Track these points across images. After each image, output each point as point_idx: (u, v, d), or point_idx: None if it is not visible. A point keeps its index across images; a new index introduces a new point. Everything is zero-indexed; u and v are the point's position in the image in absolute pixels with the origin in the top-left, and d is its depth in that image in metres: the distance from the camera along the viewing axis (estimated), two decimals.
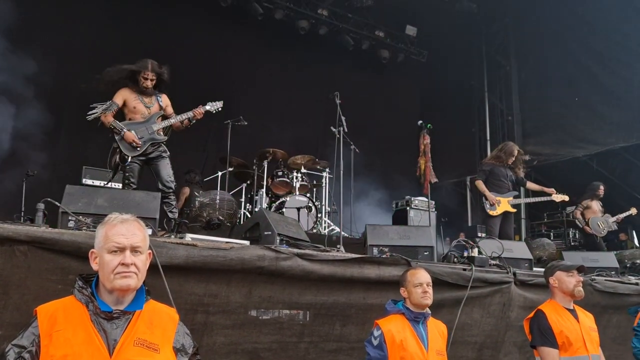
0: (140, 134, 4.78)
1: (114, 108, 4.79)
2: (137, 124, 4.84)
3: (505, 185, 6.45)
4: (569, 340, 3.05)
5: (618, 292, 4.88)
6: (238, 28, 10.31)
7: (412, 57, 12.45)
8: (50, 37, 8.02)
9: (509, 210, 6.37)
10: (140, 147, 4.75)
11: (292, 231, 4.03)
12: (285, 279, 3.40)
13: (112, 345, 1.61)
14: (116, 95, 4.87)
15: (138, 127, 4.81)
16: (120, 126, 4.73)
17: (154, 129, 4.87)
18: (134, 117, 4.88)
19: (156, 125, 4.90)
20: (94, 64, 5.87)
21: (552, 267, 3.37)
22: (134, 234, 1.70)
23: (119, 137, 4.73)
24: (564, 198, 6.55)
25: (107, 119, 4.74)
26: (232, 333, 3.28)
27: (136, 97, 4.89)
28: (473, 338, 4.23)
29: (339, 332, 3.69)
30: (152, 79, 4.92)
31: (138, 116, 4.88)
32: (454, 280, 4.04)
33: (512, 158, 6.53)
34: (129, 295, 1.70)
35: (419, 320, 2.85)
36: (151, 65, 4.91)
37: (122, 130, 4.71)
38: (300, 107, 10.60)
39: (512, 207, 6.40)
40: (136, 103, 4.88)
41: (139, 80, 4.89)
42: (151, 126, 4.87)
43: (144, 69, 4.87)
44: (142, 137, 4.78)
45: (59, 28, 8.21)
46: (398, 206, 7.62)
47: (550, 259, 5.36)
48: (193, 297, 3.09)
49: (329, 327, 3.67)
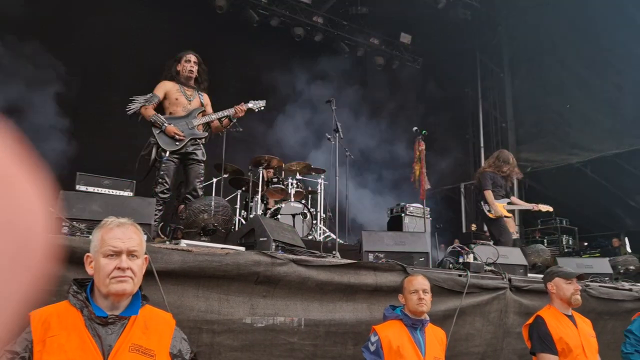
0: (180, 129, 4.59)
1: (155, 100, 4.61)
2: (177, 119, 4.65)
3: (501, 193, 6.50)
4: (568, 346, 3.03)
5: (612, 298, 4.89)
6: (233, 35, 10.33)
7: (407, 64, 12.53)
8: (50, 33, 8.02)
9: (506, 215, 6.41)
10: (182, 140, 4.57)
11: (287, 237, 4.01)
12: (286, 290, 3.35)
13: (107, 351, 1.58)
14: (157, 88, 4.71)
15: (178, 122, 4.63)
16: (161, 119, 4.53)
17: (194, 124, 4.68)
18: (175, 109, 4.70)
19: (196, 121, 4.71)
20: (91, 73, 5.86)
21: (551, 273, 3.35)
22: (130, 237, 1.68)
23: (158, 132, 4.53)
24: (548, 209, 6.58)
25: (148, 112, 4.55)
26: (242, 356, 3.18)
27: (178, 89, 4.74)
28: (476, 348, 4.20)
29: (352, 352, 3.60)
30: (195, 62, 4.81)
31: (179, 109, 4.70)
32: (449, 286, 4.04)
33: (507, 166, 6.57)
34: (125, 300, 1.68)
35: (416, 326, 2.84)
36: (192, 52, 4.85)
37: (163, 123, 4.52)
38: (296, 113, 10.61)
39: (508, 212, 6.44)
40: (178, 95, 4.71)
41: (182, 69, 4.77)
42: (191, 121, 4.68)
43: (186, 53, 4.79)
44: (183, 132, 4.60)
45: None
46: (393, 212, 7.61)
47: (545, 265, 5.37)
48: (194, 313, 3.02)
49: (342, 347, 3.59)
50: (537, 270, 5.29)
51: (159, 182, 4.52)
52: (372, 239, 4.50)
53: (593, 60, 10.45)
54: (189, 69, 4.79)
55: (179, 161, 4.66)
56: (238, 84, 10.07)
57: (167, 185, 4.53)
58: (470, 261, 4.52)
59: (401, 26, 12.01)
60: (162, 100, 4.72)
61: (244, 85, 10.16)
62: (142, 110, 4.58)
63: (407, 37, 12.06)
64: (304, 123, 10.45)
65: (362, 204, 10.19)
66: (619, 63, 10.00)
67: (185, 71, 4.79)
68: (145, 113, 4.58)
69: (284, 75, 10.93)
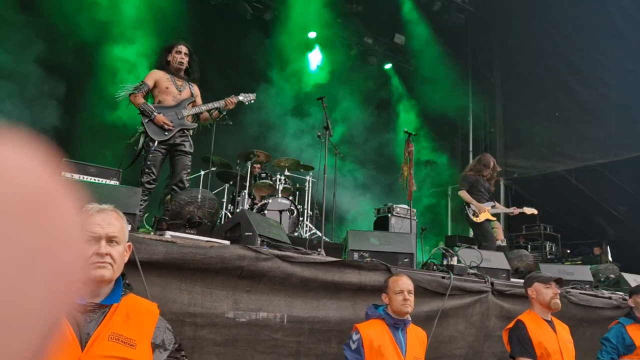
0: (169, 118, 4.54)
1: (144, 89, 4.57)
2: (167, 109, 4.60)
3: (485, 196, 6.56)
4: (547, 351, 3.07)
5: (592, 305, 4.96)
6: (226, 27, 10.26)
7: (399, 65, 12.56)
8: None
9: (489, 218, 6.47)
10: (171, 130, 4.53)
11: (273, 233, 4.00)
12: (270, 286, 3.34)
13: (85, 339, 1.54)
14: (147, 76, 4.67)
15: (167, 112, 4.58)
16: (150, 108, 4.49)
17: (183, 114, 4.63)
18: (165, 98, 4.65)
19: (186, 111, 4.66)
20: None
21: (531, 278, 3.40)
22: (110, 223, 1.64)
23: (147, 120, 4.48)
24: (532, 211, 6.67)
25: (137, 100, 4.50)
26: (225, 351, 3.16)
27: (168, 78, 4.69)
28: (459, 351, 4.23)
29: (336, 351, 3.58)
30: (185, 52, 4.76)
31: (169, 98, 4.65)
32: (432, 287, 4.06)
33: (487, 170, 6.63)
34: (106, 288, 1.64)
35: (398, 326, 2.85)
36: (183, 41, 4.81)
37: (152, 112, 4.47)
38: (287, 111, 10.59)
39: (492, 215, 6.51)
40: (168, 84, 4.67)
41: (172, 59, 4.73)
42: (181, 111, 4.63)
43: (177, 44, 4.74)
44: (172, 122, 4.55)
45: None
46: (380, 212, 7.62)
47: (527, 270, 5.42)
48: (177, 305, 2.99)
49: (326, 345, 3.58)
50: (519, 275, 5.34)
51: (146, 172, 4.47)
52: (357, 238, 4.51)
53: (581, 71, 10.57)
54: (179, 60, 4.75)
55: (166, 152, 4.61)
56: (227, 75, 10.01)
57: (153, 176, 4.48)
58: (454, 264, 4.55)
59: (395, 27, 12.03)
60: (152, 89, 4.67)
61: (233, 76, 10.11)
62: (130, 97, 4.53)
63: (400, 37, 12.08)
64: (295, 119, 10.43)
65: (349, 203, 10.20)
66: (606, 74, 10.13)
67: (176, 62, 4.75)
68: (134, 101, 4.53)
69: (272, 69, 10.88)
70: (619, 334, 3.77)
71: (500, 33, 12.40)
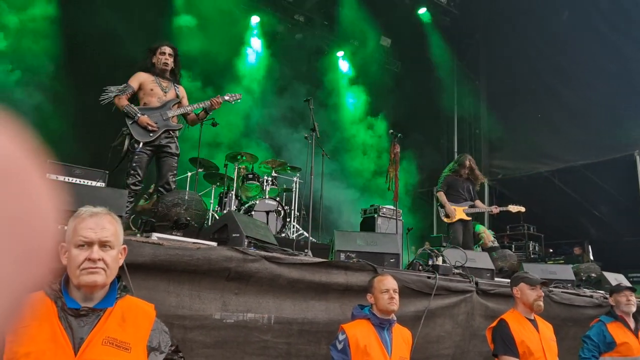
0: (154, 120, 4.52)
1: (128, 91, 4.54)
2: (152, 110, 4.58)
3: (462, 197, 6.66)
4: (529, 350, 3.11)
5: (574, 304, 5.05)
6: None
7: (385, 67, 12.64)
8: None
9: (463, 217, 6.57)
10: (155, 131, 4.50)
11: (260, 234, 4.01)
12: (258, 287, 3.34)
13: (78, 344, 1.53)
14: (132, 78, 4.64)
15: (152, 113, 4.56)
16: (134, 110, 4.47)
17: (168, 115, 4.61)
18: (150, 100, 4.62)
19: (171, 112, 4.64)
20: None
21: (518, 278, 3.45)
22: (103, 227, 1.62)
23: (131, 122, 4.45)
24: (519, 209, 6.75)
25: (121, 102, 4.48)
26: (214, 353, 3.14)
27: (153, 80, 4.67)
28: (446, 350, 4.27)
29: (326, 352, 3.56)
30: (170, 53, 4.75)
31: (154, 99, 4.62)
32: (418, 287, 4.11)
33: (464, 169, 6.72)
34: (99, 292, 1.63)
35: (384, 326, 2.88)
36: (167, 43, 4.80)
37: (136, 114, 4.45)
38: (273, 111, 10.59)
39: (467, 215, 6.59)
40: (153, 85, 4.64)
41: (157, 61, 4.71)
42: (166, 112, 4.61)
43: (161, 45, 4.73)
44: (156, 123, 4.52)
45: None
46: (366, 213, 7.67)
47: (511, 270, 5.50)
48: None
49: (316, 346, 3.59)
50: (503, 275, 5.42)
51: (131, 173, 4.45)
52: (344, 238, 4.54)
53: (564, 72, 10.73)
54: (163, 61, 4.73)
55: (152, 153, 4.60)
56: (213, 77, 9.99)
57: (139, 177, 4.46)
58: (440, 264, 4.60)
59: (382, 29, 12.10)
60: (137, 91, 4.65)
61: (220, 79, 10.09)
62: (115, 100, 4.51)
63: (387, 40, 12.16)
64: (282, 120, 10.43)
65: (336, 204, 10.23)
66: (588, 76, 10.28)
67: (160, 63, 4.73)
68: (118, 103, 4.51)
69: (259, 70, 10.87)
70: (600, 332, 3.85)
71: (485, 35, 12.54)
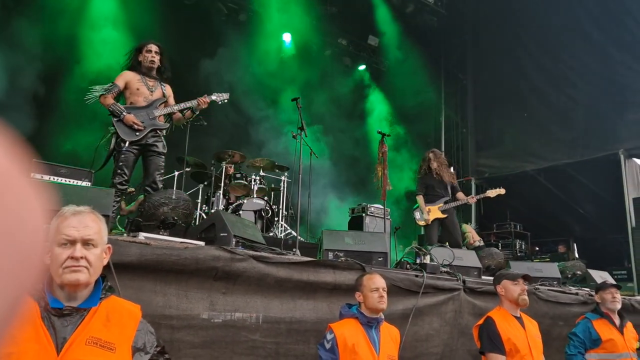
0: (140, 119, 4.49)
1: (114, 90, 4.51)
2: (138, 109, 4.54)
3: (438, 194, 6.69)
4: (516, 347, 3.14)
5: (560, 301, 5.11)
6: (201, 27, 10.18)
7: (373, 66, 12.68)
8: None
9: (439, 216, 6.60)
10: (141, 130, 4.46)
11: (248, 233, 3.99)
12: (245, 287, 3.32)
13: (61, 344, 1.51)
14: (118, 78, 4.61)
15: (138, 112, 4.52)
16: (120, 108, 4.43)
17: (155, 114, 4.58)
18: (136, 99, 4.59)
19: (158, 111, 4.61)
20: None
21: (500, 276, 3.49)
22: (86, 226, 1.61)
23: (117, 120, 4.41)
24: (499, 192, 6.77)
25: (107, 101, 4.45)
26: (202, 353, 3.12)
27: (140, 79, 4.64)
28: (435, 349, 4.29)
29: (315, 351, 3.61)
30: (156, 52, 4.72)
31: (140, 99, 4.59)
32: (406, 286, 4.12)
33: (430, 163, 6.76)
34: (83, 291, 1.61)
35: (372, 325, 2.89)
36: (153, 41, 4.77)
37: (121, 113, 4.41)
38: (261, 110, 10.56)
39: (442, 212, 6.61)
40: (139, 85, 4.61)
41: (143, 59, 4.68)
42: (152, 111, 4.58)
43: (147, 43, 4.70)
44: (143, 122, 4.49)
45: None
46: (354, 212, 7.68)
47: (498, 268, 5.55)
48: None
49: (305, 346, 3.58)
50: (490, 273, 5.46)
51: (118, 172, 4.41)
52: (332, 237, 4.54)
53: (550, 72, 10.84)
54: (150, 59, 4.70)
55: (138, 152, 4.56)
56: (201, 75, 9.93)
57: (125, 177, 4.43)
58: (427, 262, 4.63)
59: (369, 29, 12.13)
60: (123, 90, 4.62)
61: (207, 77, 10.04)
62: (100, 99, 4.48)
63: (374, 39, 12.19)
64: (270, 120, 10.41)
65: (324, 203, 10.24)
66: (574, 76, 10.42)
67: (147, 61, 4.70)
68: (103, 102, 4.48)
69: (249, 70, 10.84)
70: (585, 329, 3.90)
71: (472, 35, 12.63)
